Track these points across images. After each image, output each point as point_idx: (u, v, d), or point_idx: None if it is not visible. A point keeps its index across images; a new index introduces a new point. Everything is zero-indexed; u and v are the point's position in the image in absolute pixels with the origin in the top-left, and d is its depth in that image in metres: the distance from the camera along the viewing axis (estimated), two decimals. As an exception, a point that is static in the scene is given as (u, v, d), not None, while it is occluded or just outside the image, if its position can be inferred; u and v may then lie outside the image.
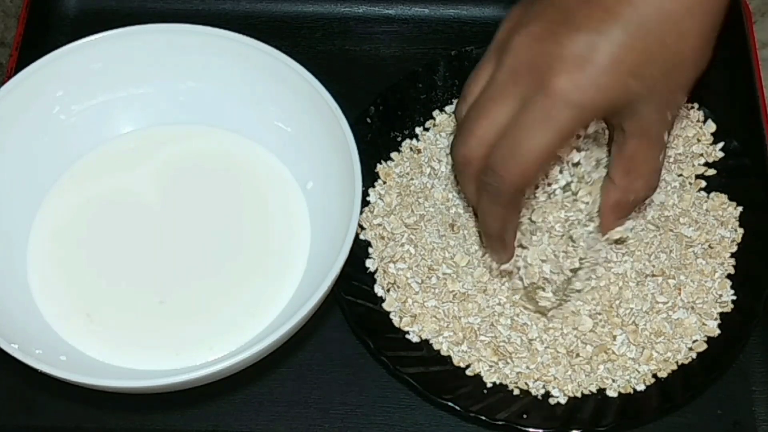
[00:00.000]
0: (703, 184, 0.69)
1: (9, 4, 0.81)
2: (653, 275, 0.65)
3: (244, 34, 0.69)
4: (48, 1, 0.78)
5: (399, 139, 0.71)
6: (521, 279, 0.63)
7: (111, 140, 0.71)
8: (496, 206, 0.59)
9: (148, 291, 0.66)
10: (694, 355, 0.64)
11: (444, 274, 0.66)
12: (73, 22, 0.78)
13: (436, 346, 0.64)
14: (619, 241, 0.65)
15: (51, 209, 0.68)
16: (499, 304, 0.65)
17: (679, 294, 0.65)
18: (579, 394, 0.63)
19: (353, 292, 0.66)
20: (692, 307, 0.65)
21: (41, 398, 0.64)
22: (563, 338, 0.64)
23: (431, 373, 0.63)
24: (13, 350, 0.59)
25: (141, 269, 0.67)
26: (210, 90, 0.70)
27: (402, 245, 0.67)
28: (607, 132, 0.62)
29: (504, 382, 0.63)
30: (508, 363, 0.63)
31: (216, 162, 0.70)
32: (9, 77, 0.70)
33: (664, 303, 0.65)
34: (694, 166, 0.70)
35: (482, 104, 0.57)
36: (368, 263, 0.67)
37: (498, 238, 0.61)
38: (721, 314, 0.65)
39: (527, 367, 0.63)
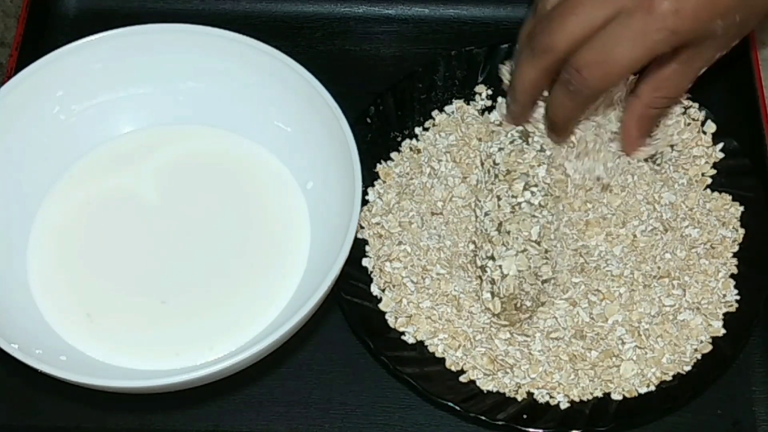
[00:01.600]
0: (709, 181, 0.69)
1: (9, 4, 0.81)
2: (660, 277, 0.65)
3: (244, 34, 0.69)
4: (48, 1, 0.78)
5: (399, 139, 0.71)
6: (498, 290, 0.63)
7: (111, 140, 0.71)
8: (570, 101, 0.62)
9: (147, 291, 0.66)
10: (699, 356, 0.64)
11: (438, 274, 0.66)
12: (73, 22, 0.78)
13: (431, 348, 0.64)
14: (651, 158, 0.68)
15: (51, 209, 0.68)
16: (495, 315, 0.64)
17: (684, 295, 0.65)
18: (585, 399, 0.63)
19: (353, 292, 0.66)
20: (697, 308, 0.65)
21: (41, 398, 0.64)
22: (566, 345, 0.63)
23: (430, 374, 0.63)
24: (13, 350, 0.59)
25: (141, 269, 0.67)
26: (210, 90, 0.70)
27: (398, 244, 0.67)
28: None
29: (502, 390, 0.63)
30: (507, 373, 0.63)
31: (216, 162, 0.70)
32: (9, 77, 0.70)
33: (671, 306, 0.65)
34: (698, 165, 0.69)
35: (578, 2, 0.59)
36: (365, 262, 0.67)
37: (563, 126, 0.65)
38: (725, 314, 0.65)
39: (529, 378, 0.63)
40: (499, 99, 0.70)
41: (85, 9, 0.79)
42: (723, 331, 0.64)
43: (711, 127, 0.71)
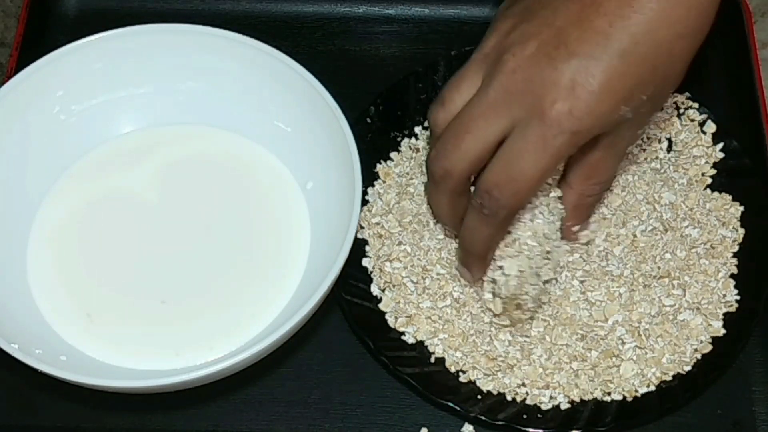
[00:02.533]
0: (709, 181, 0.69)
1: (9, 4, 0.81)
2: (660, 277, 0.65)
3: (244, 34, 0.69)
4: (48, 1, 0.78)
5: (399, 138, 0.71)
6: (499, 290, 0.63)
7: (111, 140, 0.71)
8: (486, 227, 0.60)
9: (147, 291, 0.66)
10: (699, 356, 0.64)
11: (438, 274, 0.66)
12: (73, 22, 0.78)
13: (431, 348, 0.64)
14: (588, 243, 0.66)
15: (51, 209, 0.68)
16: (496, 316, 0.65)
17: (684, 295, 0.65)
18: (585, 398, 0.63)
19: (353, 292, 0.66)
20: (697, 308, 0.65)
21: (41, 398, 0.64)
22: (567, 348, 0.63)
23: (430, 374, 0.63)
24: (13, 350, 0.59)
25: (141, 269, 0.67)
26: (210, 90, 0.70)
27: (398, 244, 0.67)
28: None
29: (502, 391, 0.63)
30: (507, 374, 0.63)
31: (216, 162, 0.70)
32: (9, 77, 0.70)
33: (671, 306, 0.65)
34: (698, 165, 0.69)
35: (470, 119, 0.58)
36: (365, 262, 0.67)
37: (480, 257, 0.62)
38: (725, 314, 0.65)
39: (529, 378, 0.63)
40: None
41: (85, 9, 0.79)
42: (723, 331, 0.64)
43: (711, 127, 0.71)
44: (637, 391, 0.63)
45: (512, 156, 0.57)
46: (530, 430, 0.61)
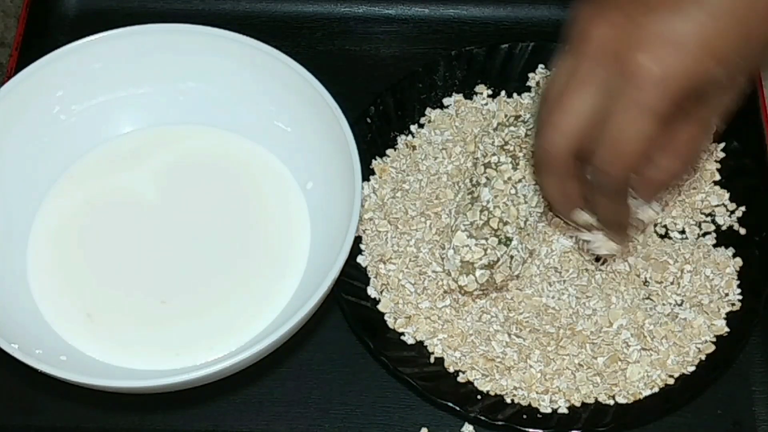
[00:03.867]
0: (717, 177, 0.69)
1: (9, 4, 0.81)
2: (662, 277, 0.65)
3: (244, 34, 0.69)
4: (48, 1, 0.78)
5: (397, 137, 0.71)
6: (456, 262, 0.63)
7: (111, 140, 0.71)
8: (613, 202, 0.58)
9: (147, 291, 0.66)
10: (702, 356, 0.63)
11: (434, 272, 0.66)
12: (73, 22, 0.78)
13: (430, 348, 0.64)
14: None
15: (51, 209, 0.68)
16: (496, 317, 0.64)
17: (687, 294, 0.65)
18: (588, 402, 0.62)
19: (352, 292, 0.66)
20: (699, 307, 0.65)
21: (41, 398, 0.64)
22: (572, 357, 0.63)
23: (430, 374, 0.63)
24: (13, 350, 0.59)
25: (141, 269, 0.67)
26: (210, 90, 0.70)
27: (392, 240, 0.66)
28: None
29: (500, 392, 0.63)
30: (504, 375, 0.63)
31: (216, 162, 0.70)
32: (9, 77, 0.70)
33: (674, 305, 0.65)
34: (705, 159, 0.69)
35: (559, 95, 0.55)
36: (359, 259, 0.67)
37: (618, 225, 0.60)
38: (727, 314, 0.65)
39: (527, 384, 0.63)
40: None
41: (85, 9, 0.79)
42: (726, 329, 0.64)
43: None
44: (641, 393, 0.62)
45: (612, 128, 0.54)
46: (530, 430, 0.61)
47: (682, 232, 0.68)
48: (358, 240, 0.67)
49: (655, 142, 0.54)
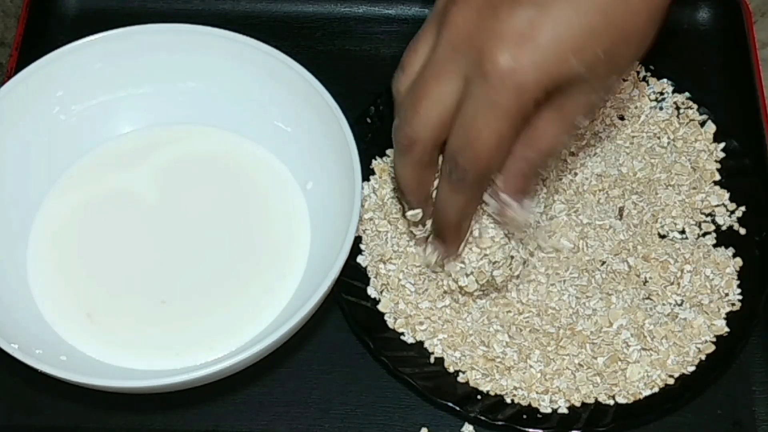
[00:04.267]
0: (717, 177, 0.69)
1: (9, 4, 0.81)
2: (662, 277, 0.65)
3: (244, 34, 0.69)
4: (48, 1, 0.78)
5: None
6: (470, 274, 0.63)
7: (111, 140, 0.71)
8: (456, 194, 0.57)
9: (147, 291, 0.66)
10: (702, 356, 0.63)
11: (434, 272, 0.65)
12: (73, 22, 0.78)
13: (430, 348, 0.64)
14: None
15: (51, 209, 0.68)
16: (496, 317, 0.64)
17: (687, 294, 0.65)
18: (588, 402, 0.62)
19: (352, 292, 0.66)
20: (699, 307, 0.65)
21: (41, 398, 0.64)
22: (572, 357, 0.63)
23: (430, 374, 0.63)
24: (13, 350, 0.59)
25: (141, 269, 0.67)
26: (210, 90, 0.70)
27: (392, 240, 0.66)
28: None
29: (500, 392, 0.63)
30: (504, 375, 0.63)
31: (216, 162, 0.70)
32: (9, 77, 0.70)
33: (674, 305, 0.65)
34: (702, 160, 0.69)
35: (424, 82, 0.55)
36: (359, 259, 0.67)
37: (454, 227, 0.59)
38: (728, 314, 0.65)
39: (527, 384, 0.63)
40: None
41: (85, 9, 0.79)
42: (726, 329, 0.64)
43: (711, 127, 0.71)
44: (641, 393, 0.62)
45: (466, 119, 0.53)
46: (530, 430, 0.61)
47: (682, 232, 0.68)
48: (358, 240, 0.67)
49: (512, 139, 0.54)
